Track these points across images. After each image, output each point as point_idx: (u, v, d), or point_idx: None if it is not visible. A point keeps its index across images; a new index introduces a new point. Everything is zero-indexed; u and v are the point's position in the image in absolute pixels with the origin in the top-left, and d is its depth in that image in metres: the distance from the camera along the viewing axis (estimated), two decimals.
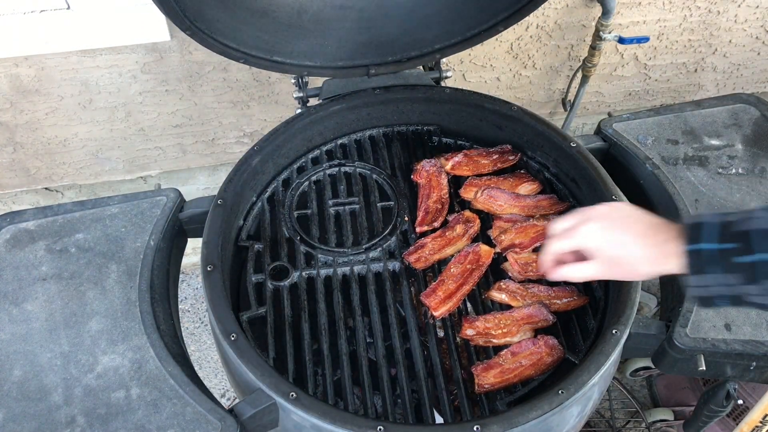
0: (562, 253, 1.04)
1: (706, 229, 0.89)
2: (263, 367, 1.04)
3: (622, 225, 0.98)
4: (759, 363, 1.16)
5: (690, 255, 0.89)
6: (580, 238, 1.00)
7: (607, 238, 0.98)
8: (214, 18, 1.20)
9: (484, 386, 1.13)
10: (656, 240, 0.94)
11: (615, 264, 0.98)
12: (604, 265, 0.99)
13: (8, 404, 1.04)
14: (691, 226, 0.90)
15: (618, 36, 1.91)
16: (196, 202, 1.30)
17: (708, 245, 0.88)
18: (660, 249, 0.93)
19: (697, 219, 0.91)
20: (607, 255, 0.98)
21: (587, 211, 1.02)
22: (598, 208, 1.02)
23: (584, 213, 1.02)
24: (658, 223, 0.96)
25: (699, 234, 0.89)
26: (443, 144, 1.50)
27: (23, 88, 1.79)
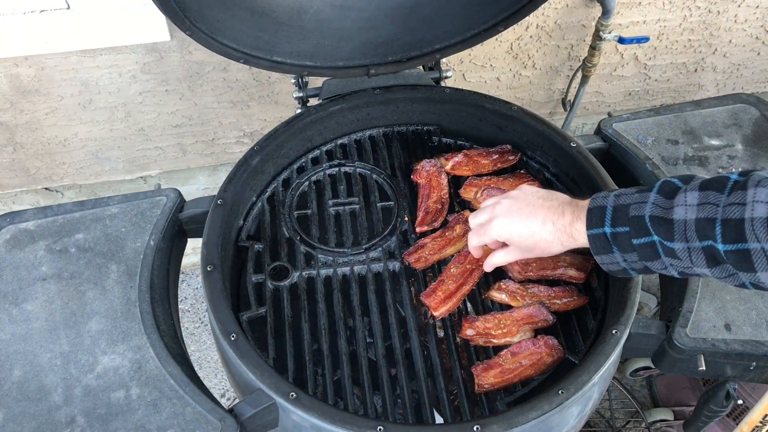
0: (483, 245, 1.17)
1: (602, 214, 0.99)
2: (263, 367, 1.04)
3: (528, 213, 1.08)
4: (759, 363, 1.16)
5: (591, 238, 1.01)
6: (492, 233, 1.12)
7: (515, 230, 1.08)
8: (214, 18, 1.20)
9: (484, 386, 1.13)
10: (563, 222, 1.04)
11: (529, 249, 1.10)
12: (519, 251, 1.12)
13: (8, 404, 1.04)
14: (589, 211, 1.00)
15: (618, 36, 1.91)
16: (196, 202, 1.30)
17: (606, 230, 0.98)
18: (566, 231, 1.04)
19: (594, 203, 1.01)
20: (520, 245, 1.10)
21: (495, 205, 1.12)
22: (503, 202, 1.12)
23: (493, 208, 1.13)
24: (561, 204, 1.06)
25: (597, 218, 0.99)
26: (443, 144, 1.50)
27: (23, 88, 1.79)
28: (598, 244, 1.00)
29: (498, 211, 1.11)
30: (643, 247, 0.96)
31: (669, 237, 0.92)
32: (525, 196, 1.11)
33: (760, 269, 0.85)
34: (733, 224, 0.85)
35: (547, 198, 1.09)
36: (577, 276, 1.24)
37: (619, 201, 0.98)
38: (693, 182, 0.93)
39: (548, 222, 1.05)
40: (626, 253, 0.98)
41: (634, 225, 0.96)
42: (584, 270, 1.25)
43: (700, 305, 1.18)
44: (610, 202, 0.99)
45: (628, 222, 0.96)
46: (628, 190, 1.00)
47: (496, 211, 1.12)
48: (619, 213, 0.97)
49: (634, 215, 0.95)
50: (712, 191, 0.88)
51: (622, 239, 0.97)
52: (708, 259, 0.90)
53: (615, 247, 0.99)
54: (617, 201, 0.99)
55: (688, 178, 0.96)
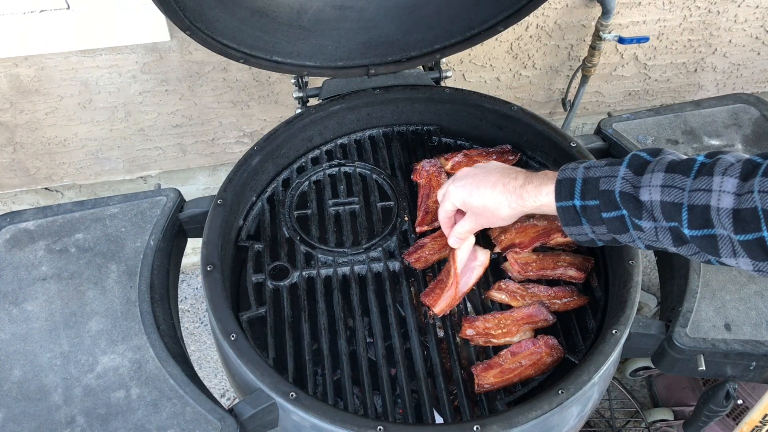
0: (448, 217, 1.21)
1: (571, 186, 1.00)
2: (263, 367, 1.04)
3: (481, 179, 1.12)
4: (759, 363, 1.16)
5: (560, 210, 1.02)
6: (448, 199, 1.17)
7: (467, 192, 1.13)
8: (214, 18, 1.20)
9: (484, 386, 1.13)
10: (513, 185, 1.07)
11: (480, 213, 1.13)
12: (474, 216, 1.15)
13: (8, 404, 1.04)
14: (558, 183, 1.01)
15: (618, 36, 1.91)
16: (196, 202, 1.30)
17: (575, 202, 1.00)
18: (516, 192, 1.07)
19: (563, 174, 1.02)
20: (472, 207, 1.13)
21: (455, 177, 1.17)
22: (462, 170, 1.17)
23: (452, 179, 1.17)
24: (517, 172, 1.10)
25: (566, 191, 1.00)
26: (443, 144, 1.50)
27: (23, 88, 1.79)
28: (567, 216, 1.01)
29: (455, 177, 1.17)
30: (612, 220, 0.97)
31: (637, 215, 0.93)
32: (485, 166, 1.16)
33: (724, 254, 0.87)
34: (699, 211, 0.86)
35: (506, 168, 1.13)
36: (577, 276, 1.24)
37: (589, 174, 0.99)
38: (661, 160, 0.93)
39: (498, 184, 1.09)
40: (595, 225, 0.99)
41: (603, 199, 0.96)
42: (584, 270, 1.25)
43: (700, 305, 1.18)
44: (579, 173, 1.00)
45: (598, 195, 0.97)
46: (597, 162, 1.00)
47: (454, 178, 1.18)
48: (588, 186, 0.98)
49: (604, 189, 0.96)
50: (678, 174, 0.90)
51: (592, 212, 0.98)
52: (674, 239, 0.91)
53: (584, 219, 1.00)
54: (587, 173, 0.99)
55: (656, 151, 0.96)
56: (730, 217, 0.83)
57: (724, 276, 1.22)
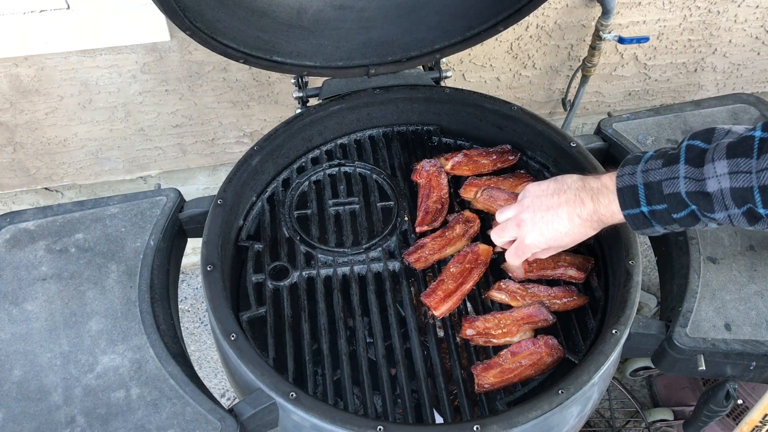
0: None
1: (634, 194, 0.99)
2: (263, 367, 1.04)
3: (552, 217, 1.09)
4: (759, 363, 1.16)
5: (629, 218, 1.02)
6: (531, 250, 1.14)
7: (550, 237, 1.10)
8: (214, 18, 1.20)
9: (484, 386, 1.13)
10: (587, 212, 1.06)
11: (566, 245, 1.13)
12: (559, 248, 1.15)
13: (8, 404, 1.04)
14: (619, 191, 1.01)
15: (618, 36, 1.91)
16: (196, 202, 1.30)
17: (642, 209, 0.99)
18: (592, 218, 1.06)
19: (622, 182, 1.01)
20: (558, 246, 1.13)
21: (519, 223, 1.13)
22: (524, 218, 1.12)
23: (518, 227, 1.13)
24: (577, 194, 1.07)
25: (630, 199, 1.00)
26: (443, 144, 1.50)
27: (23, 88, 1.79)
28: (638, 222, 1.01)
29: (524, 229, 1.12)
30: (683, 218, 0.97)
31: (708, 208, 0.93)
32: (538, 200, 1.11)
33: None
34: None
35: (559, 191, 1.09)
36: (577, 276, 1.24)
37: (649, 178, 0.98)
38: (718, 146, 0.92)
39: (573, 217, 1.07)
40: (667, 225, 1.00)
41: (671, 202, 0.96)
42: (584, 270, 1.25)
43: (700, 305, 1.18)
44: (638, 179, 0.99)
45: (664, 199, 0.97)
46: (653, 162, 0.99)
47: (522, 231, 1.12)
48: (652, 191, 0.98)
49: (670, 192, 0.96)
50: (741, 158, 0.89)
51: (662, 215, 0.98)
52: (749, 219, 0.92)
53: (654, 221, 1.00)
54: (646, 177, 0.98)
55: (709, 134, 0.96)
56: None
57: (724, 276, 1.22)
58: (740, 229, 1.28)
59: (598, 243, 1.30)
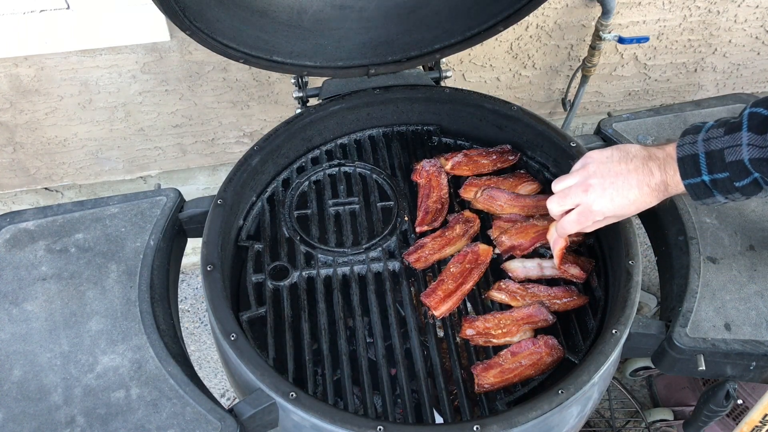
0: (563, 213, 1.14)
1: (695, 162, 0.98)
2: (263, 367, 1.04)
3: (623, 184, 1.05)
4: (759, 363, 1.16)
5: (690, 187, 1.01)
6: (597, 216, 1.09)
7: (618, 205, 1.06)
8: (214, 18, 1.20)
9: (484, 386, 1.13)
10: (655, 182, 1.04)
11: (629, 214, 1.10)
12: (619, 217, 1.11)
13: (8, 404, 1.04)
14: (680, 161, 1.00)
15: (618, 36, 1.91)
16: (196, 202, 1.30)
17: (704, 178, 0.98)
18: (660, 188, 1.04)
19: (682, 151, 1.00)
20: (623, 214, 1.09)
21: (586, 188, 1.08)
22: (593, 183, 1.07)
23: (585, 191, 1.08)
24: (644, 162, 1.05)
25: (691, 168, 0.99)
26: (443, 144, 1.50)
27: (23, 88, 1.79)
28: (699, 191, 1.01)
29: (592, 195, 1.08)
30: (746, 186, 0.97)
31: None
32: (605, 166, 1.07)
33: None
34: None
35: (625, 158, 1.06)
36: (577, 276, 1.24)
37: (710, 146, 0.97)
38: None
39: (643, 185, 1.04)
40: (729, 193, 0.99)
41: (733, 170, 0.95)
42: (584, 270, 1.25)
43: (700, 305, 1.18)
44: (699, 148, 0.98)
45: (726, 167, 0.96)
46: (714, 131, 0.98)
47: (590, 196, 1.08)
48: (713, 159, 0.97)
49: (732, 160, 0.95)
50: None
51: (723, 184, 0.98)
52: None
53: (716, 191, 0.99)
54: (708, 146, 0.98)
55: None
56: None
57: (724, 276, 1.22)
58: (740, 229, 1.28)
59: (598, 243, 1.30)
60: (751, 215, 1.30)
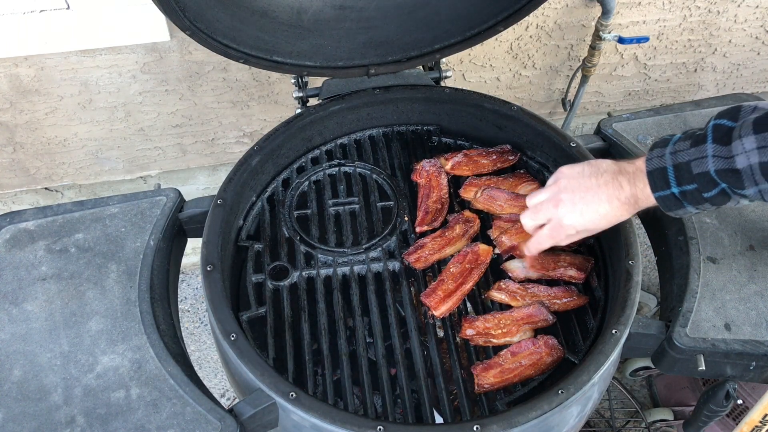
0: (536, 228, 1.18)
1: (664, 176, 1.00)
2: (263, 367, 1.04)
3: (592, 198, 1.08)
4: (759, 363, 1.16)
5: (660, 200, 1.03)
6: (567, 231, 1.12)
7: (588, 219, 1.09)
8: (214, 18, 1.20)
9: (484, 386, 1.13)
10: (624, 196, 1.06)
11: (600, 228, 1.12)
12: (590, 232, 1.13)
13: (8, 404, 1.04)
14: (649, 174, 1.02)
15: (618, 36, 1.91)
16: (196, 202, 1.30)
17: (673, 190, 1.00)
18: (629, 201, 1.06)
19: (651, 165, 1.02)
20: (593, 229, 1.12)
21: (556, 203, 1.11)
22: (563, 198, 1.10)
23: (555, 206, 1.11)
24: (614, 177, 1.07)
25: (660, 181, 1.01)
26: (443, 144, 1.50)
27: (23, 88, 1.79)
28: (669, 203, 1.03)
29: (563, 210, 1.10)
30: (714, 197, 0.98)
31: (738, 185, 0.94)
32: (575, 181, 1.10)
33: None
34: None
35: (596, 173, 1.09)
36: (577, 276, 1.24)
37: (678, 159, 0.99)
38: (745, 122, 0.94)
39: (613, 200, 1.07)
40: (698, 204, 1.01)
41: (701, 181, 0.97)
42: (584, 270, 1.25)
43: (700, 305, 1.18)
44: (667, 161, 1.01)
45: (694, 179, 0.98)
46: (681, 144, 1.00)
47: (561, 211, 1.11)
48: (681, 172, 0.99)
49: (699, 172, 0.97)
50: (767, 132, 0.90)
51: (692, 195, 1.00)
52: None
53: (686, 202, 1.01)
54: (675, 159, 1.00)
55: (735, 112, 0.97)
56: None
57: (724, 276, 1.22)
58: (740, 229, 1.28)
59: (598, 243, 1.30)
60: (751, 215, 1.30)
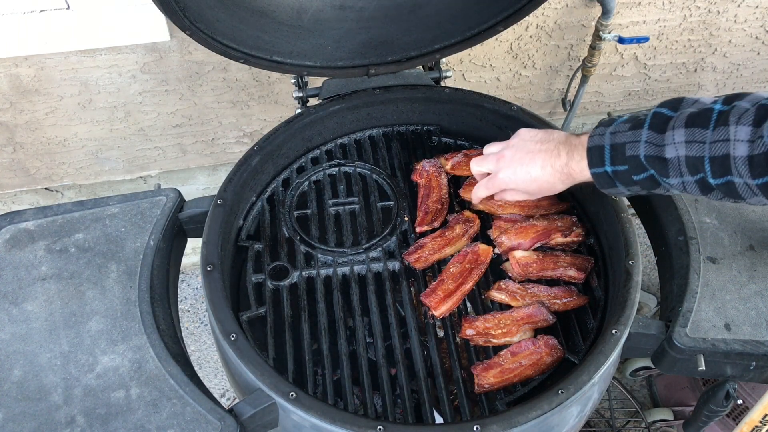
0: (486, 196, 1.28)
1: (601, 153, 1.05)
2: (263, 367, 1.04)
3: (529, 160, 1.15)
4: (759, 363, 1.16)
5: (595, 176, 1.07)
6: (500, 184, 1.21)
7: (519, 178, 1.17)
8: (214, 18, 1.20)
9: (484, 386, 1.13)
10: (559, 164, 1.12)
11: (534, 192, 1.19)
12: (527, 193, 1.21)
13: (8, 404, 1.04)
14: (588, 150, 1.07)
15: (618, 36, 1.91)
16: (196, 202, 1.30)
17: (606, 168, 1.05)
18: (563, 171, 1.12)
19: (592, 141, 1.07)
20: (528, 191, 1.19)
21: (499, 158, 1.21)
22: (505, 154, 1.19)
23: (497, 160, 1.21)
24: (557, 146, 1.13)
25: (597, 158, 1.05)
26: (443, 144, 1.50)
27: (23, 88, 1.79)
28: (602, 181, 1.07)
29: (501, 164, 1.20)
30: (643, 181, 1.02)
31: (664, 173, 0.98)
32: (523, 143, 1.18)
33: (746, 197, 0.94)
34: (719, 161, 0.91)
35: (544, 140, 1.16)
36: (577, 276, 1.24)
37: (615, 139, 1.04)
38: (681, 115, 0.97)
39: (546, 166, 1.13)
40: (629, 186, 1.05)
41: (632, 163, 1.01)
42: (584, 270, 1.25)
43: (700, 305, 1.18)
44: (606, 140, 1.05)
45: (626, 161, 1.02)
46: (622, 126, 1.05)
47: (500, 165, 1.20)
48: (616, 152, 1.03)
49: (631, 155, 1.01)
50: (697, 128, 0.94)
51: (623, 176, 1.04)
52: (702, 189, 0.98)
53: (617, 182, 1.06)
54: (613, 139, 1.04)
55: (677, 103, 1.00)
56: (746, 164, 0.88)
57: (724, 276, 1.22)
58: (740, 229, 1.28)
59: (598, 243, 1.30)
60: (751, 215, 1.30)
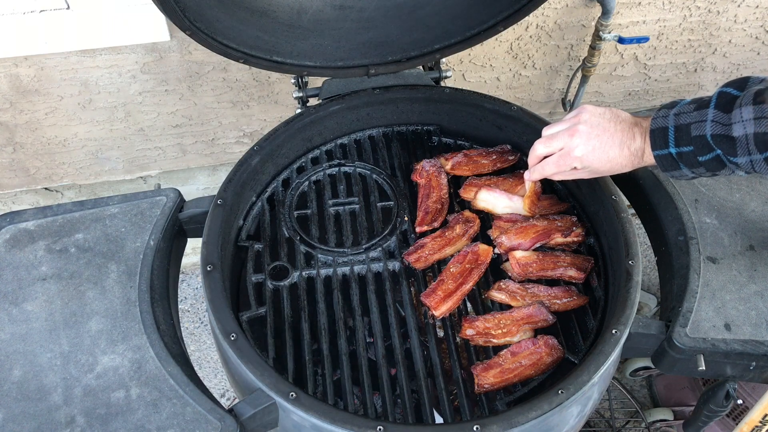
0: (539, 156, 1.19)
1: (665, 135, 1.04)
2: (263, 367, 1.04)
3: (608, 139, 1.11)
4: (759, 363, 1.16)
5: (658, 158, 1.06)
6: (574, 162, 1.13)
7: (596, 156, 1.11)
8: (214, 18, 1.20)
9: (484, 386, 1.13)
10: (635, 147, 1.09)
11: (602, 172, 1.15)
12: (593, 172, 1.15)
13: (8, 404, 1.04)
14: (651, 132, 1.05)
15: (618, 36, 1.91)
16: (196, 202, 1.30)
17: (671, 150, 1.04)
18: (637, 154, 1.10)
19: (655, 123, 1.05)
20: (597, 168, 1.13)
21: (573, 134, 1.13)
22: (581, 129, 1.12)
23: (570, 136, 1.13)
24: (631, 127, 1.10)
25: (660, 140, 1.04)
26: (443, 144, 1.50)
27: (23, 88, 1.79)
28: (666, 163, 1.07)
29: (577, 140, 1.12)
30: (709, 161, 1.01)
31: (732, 152, 0.97)
32: (597, 120, 1.12)
33: None
34: None
35: (616, 119, 1.12)
36: (577, 276, 1.24)
37: (680, 120, 1.02)
38: (748, 92, 0.96)
39: (624, 147, 1.10)
40: (693, 167, 1.04)
41: (697, 144, 1.00)
42: (584, 270, 1.25)
43: (700, 305, 1.18)
44: (670, 122, 1.04)
45: (691, 141, 1.01)
46: (686, 107, 1.04)
47: (574, 141, 1.12)
48: (681, 133, 1.02)
49: (696, 135, 1.00)
50: (766, 104, 0.92)
51: (688, 157, 1.03)
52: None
53: (682, 164, 1.05)
54: (677, 120, 1.03)
55: (743, 83, 0.99)
56: None
57: (724, 276, 1.22)
58: (740, 229, 1.28)
59: (598, 243, 1.30)
60: (751, 215, 1.30)
